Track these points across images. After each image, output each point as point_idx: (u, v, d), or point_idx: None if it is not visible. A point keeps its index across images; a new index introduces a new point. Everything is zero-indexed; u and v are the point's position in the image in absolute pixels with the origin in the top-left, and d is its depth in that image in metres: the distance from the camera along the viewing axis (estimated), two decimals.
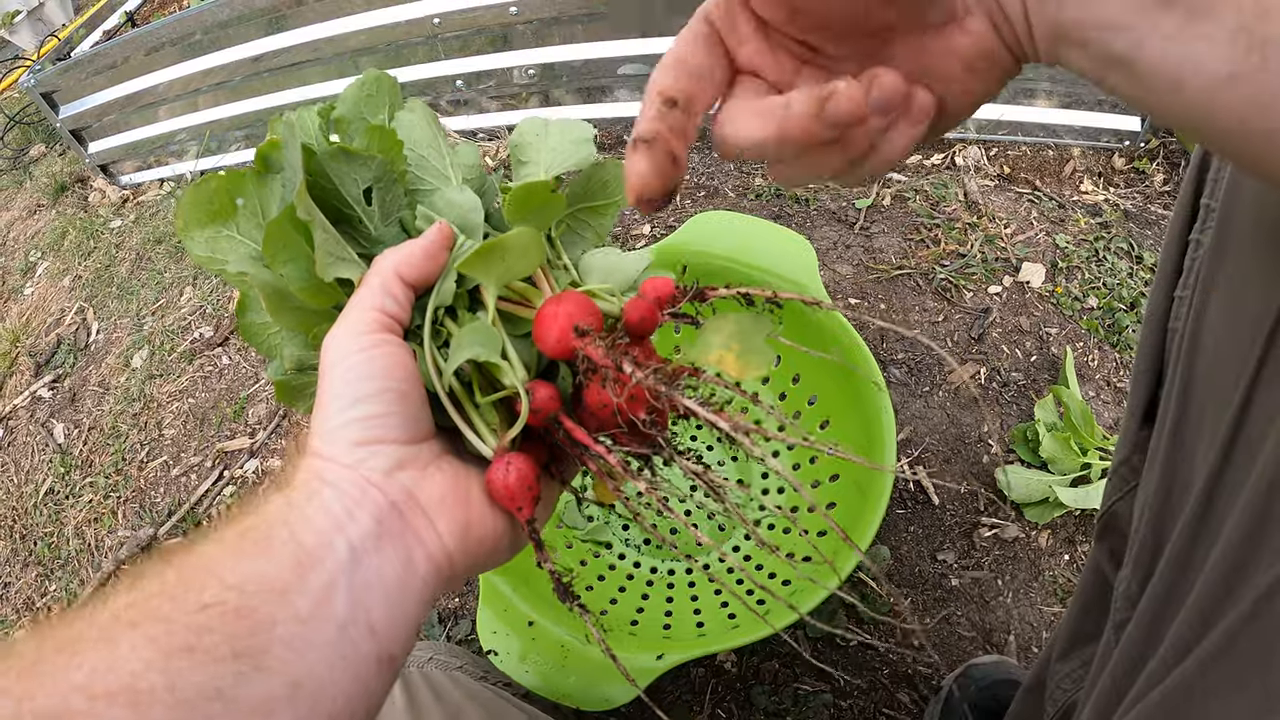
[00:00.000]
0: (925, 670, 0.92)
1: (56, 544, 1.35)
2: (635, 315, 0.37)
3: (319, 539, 0.32)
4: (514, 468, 0.36)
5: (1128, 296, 1.18)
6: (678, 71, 0.31)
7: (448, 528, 0.36)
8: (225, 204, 0.43)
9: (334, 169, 0.40)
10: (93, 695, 0.25)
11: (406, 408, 0.36)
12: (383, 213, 0.43)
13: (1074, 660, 0.56)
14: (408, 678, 0.67)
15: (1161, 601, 0.38)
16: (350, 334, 0.37)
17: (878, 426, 0.79)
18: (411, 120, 0.45)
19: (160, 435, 1.42)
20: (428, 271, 0.40)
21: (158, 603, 0.28)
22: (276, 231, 0.39)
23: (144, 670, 0.26)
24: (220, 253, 0.43)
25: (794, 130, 0.28)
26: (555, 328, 0.35)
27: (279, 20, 1.56)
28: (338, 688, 0.30)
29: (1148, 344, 0.46)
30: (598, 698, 0.71)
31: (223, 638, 0.28)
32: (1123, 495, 0.49)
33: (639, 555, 0.96)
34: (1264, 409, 0.32)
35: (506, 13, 1.44)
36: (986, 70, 0.29)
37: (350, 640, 0.31)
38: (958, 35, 0.28)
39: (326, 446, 0.35)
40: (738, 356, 0.33)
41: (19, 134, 2.42)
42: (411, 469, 0.36)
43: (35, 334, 1.74)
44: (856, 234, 1.32)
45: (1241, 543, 0.31)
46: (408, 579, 0.34)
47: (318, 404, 0.36)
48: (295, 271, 0.40)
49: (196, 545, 0.31)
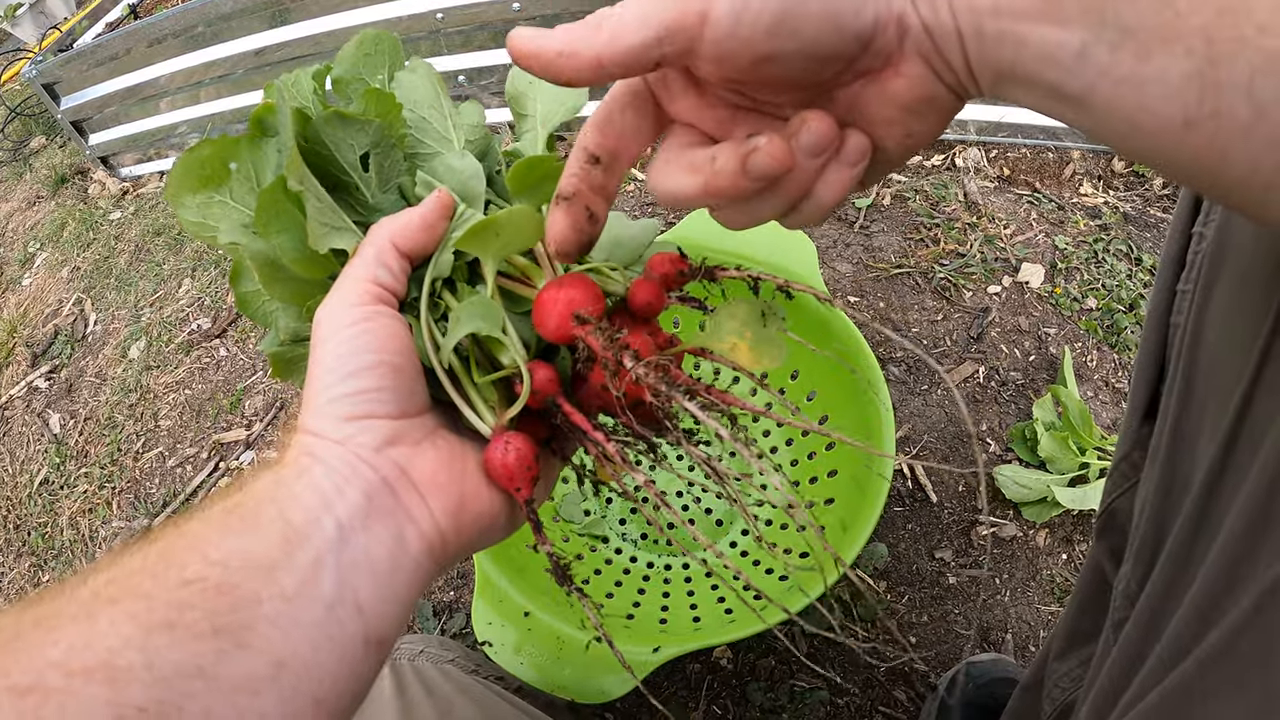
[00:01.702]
0: (922, 668, 0.92)
1: (51, 534, 1.35)
2: (641, 298, 0.37)
3: (307, 516, 0.31)
4: (513, 447, 0.35)
5: (1126, 298, 1.17)
6: (605, 130, 0.32)
7: (441, 505, 0.35)
8: (218, 169, 0.41)
9: (329, 134, 0.39)
10: (70, 672, 0.24)
11: (400, 382, 0.35)
12: (380, 179, 0.41)
13: (1072, 659, 0.56)
14: (399, 670, 0.66)
15: (1160, 598, 0.38)
16: (342, 306, 0.36)
17: (876, 424, 0.79)
18: (413, 80, 0.44)
19: (156, 426, 1.41)
20: (425, 242, 0.38)
21: (139, 579, 0.28)
22: (269, 201, 0.37)
23: (122, 647, 0.25)
24: (212, 219, 0.41)
25: (721, 185, 0.29)
26: (555, 313, 0.34)
27: (282, 13, 1.56)
28: (324, 668, 0.29)
29: (1149, 339, 0.46)
30: (594, 690, 0.71)
31: (204, 614, 0.27)
32: (1123, 492, 0.49)
33: (635, 550, 0.96)
34: (1266, 406, 0.32)
35: (509, 8, 1.44)
36: (927, 111, 0.28)
37: (337, 620, 0.30)
38: (893, 80, 0.28)
39: (317, 422, 0.34)
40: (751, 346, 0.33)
41: (20, 125, 2.41)
42: (404, 445, 0.35)
43: (33, 324, 1.73)
44: (856, 232, 1.32)
45: (1241, 539, 0.31)
46: (399, 557, 0.33)
47: (309, 378, 0.35)
48: (288, 242, 0.38)
49: (182, 523, 0.31)
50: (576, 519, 0.97)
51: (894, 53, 0.27)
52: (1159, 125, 0.23)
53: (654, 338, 0.37)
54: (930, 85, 0.27)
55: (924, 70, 0.27)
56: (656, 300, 0.36)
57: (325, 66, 0.43)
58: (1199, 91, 0.22)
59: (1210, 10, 0.22)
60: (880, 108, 0.29)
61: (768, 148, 0.27)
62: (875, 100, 0.28)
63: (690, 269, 0.37)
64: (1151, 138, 0.23)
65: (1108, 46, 0.23)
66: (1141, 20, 0.22)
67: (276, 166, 0.41)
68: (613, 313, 0.38)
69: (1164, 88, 0.22)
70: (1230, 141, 0.22)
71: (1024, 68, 0.25)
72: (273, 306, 0.44)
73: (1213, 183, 0.24)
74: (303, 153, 0.38)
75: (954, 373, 1.13)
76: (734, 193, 0.29)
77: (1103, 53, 0.23)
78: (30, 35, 2.57)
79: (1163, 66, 0.22)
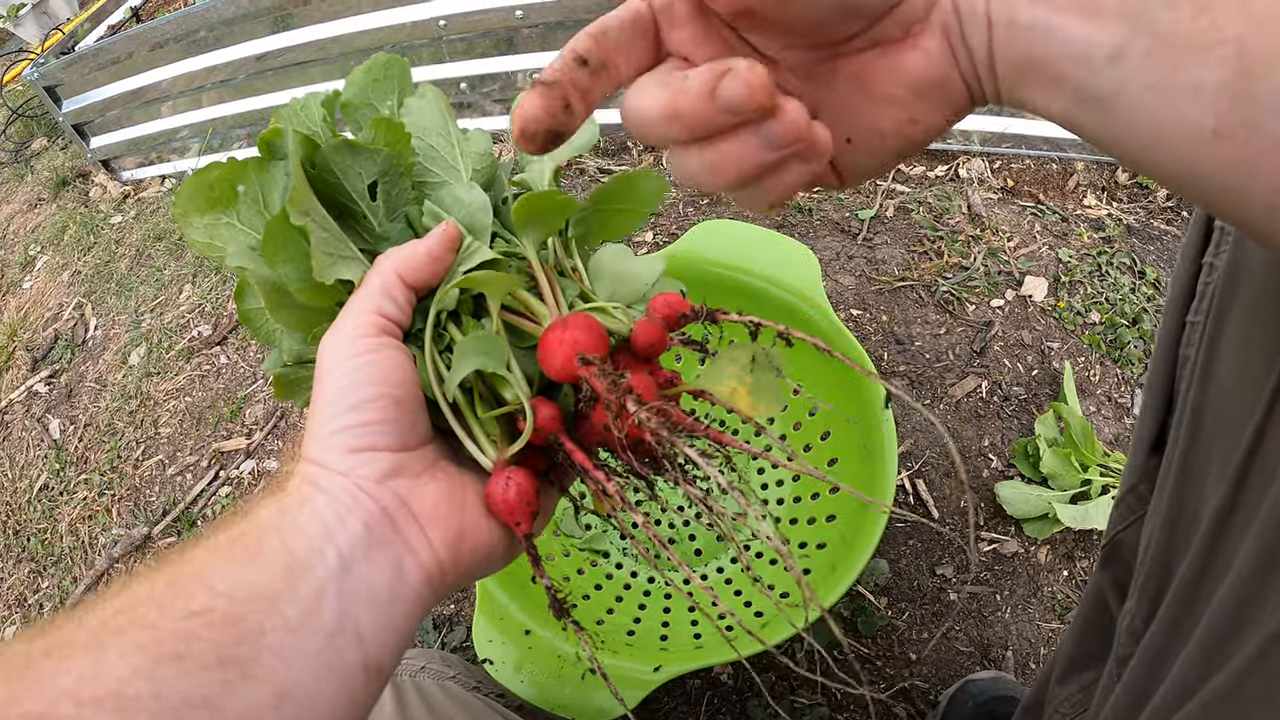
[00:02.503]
0: (923, 685, 0.92)
1: (50, 541, 1.35)
2: (644, 340, 0.37)
3: (309, 546, 0.32)
4: (514, 483, 0.36)
5: (1130, 312, 1.17)
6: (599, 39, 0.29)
7: (440, 536, 0.35)
8: (226, 191, 0.41)
9: (338, 162, 0.39)
10: (80, 701, 0.25)
11: (402, 414, 0.36)
12: (388, 208, 0.42)
13: (1073, 684, 0.56)
14: (399, 687, 0.66)
15: (1166, 638, 0.38)
16: (347, 338, 0.36)
17: (879, 439, 0.79)
18: (422, 107, 0.43)
19: (156, 433, 1.41)
20: (430, 274, 0.39)
21: (146, 609, 0.28)
22: (275, 230, 0.37)
23: (131, 677, 0.26)
24: (220, 240, 0.41)
25: (684, 104, 0.26)
26: (560, 354, 0.34)
27: (284, 19, 1.56)
28: (324, 697, 0.30)
29: (1157, 370, 0.45)
30: (594, 709, 0.71)
31: (210, 645, 0.28)
32: (1129, 524, 0.48)
33: (636, 565, 0.95)
34: (1278, 443, 0.32)
35: (512, 16, 1.43)
36: (935, 96, 0.28)
37: (337, 649, 0.31)
38: (909, 53, 0.27)
39: (320, 452, 0.35)
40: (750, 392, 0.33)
41: (21, 127, 2.41)
42: (405, 476, 0.35)
43: (33, 328, 1.73)
44: (859, 245, 1.31)
45: (1249, 582, 0.31)
46: (398, 587, 0.33)
47: (312, 409, 0.36)
48: (294, 271, 0.38)
49: (188, 551, 0.31)
50: (577, 533, 0.97)
51: (917, 23, 0.27)
52: (1187, 135, 0.23)
53: (655, 376, 0.37)
54: (944, 66, 0.27)
55: (942, 48, 0.27)
56: (659, 342, 0.37)
57: (335, 93, 0.43)
58: (1230, 102, 0.22)
59: (1246, 22, 0.21)
60: (888, 84, 0.28)
61: (746, 73, 0.24)
62: (885, 74, 0.28)
63: (693, 311, 0.37)
64: (1177, 148, 0.23)
65: (1141, 50, 0.23)
66: (1177, 26, 0.22)
67: (284, 190, 0.41)
68: (615, 351, 0.38)
69: (1195, 96, 0.22)
70: (1260, 155, 0.22)
71: (1052, 65, 0.24)
72: (277, 327, 0.44)
73: (1236, 200, 0.23)
74: (311, 180, 0.38)
75: (957, 387, 1.13)
76: (694, 117, 0.26)
77: (1135, 56, 0.23)
78: (33, 35, 2.57)
79: (1195, 75, 0.22)
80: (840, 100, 0.29)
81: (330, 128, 0.42)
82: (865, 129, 0.29)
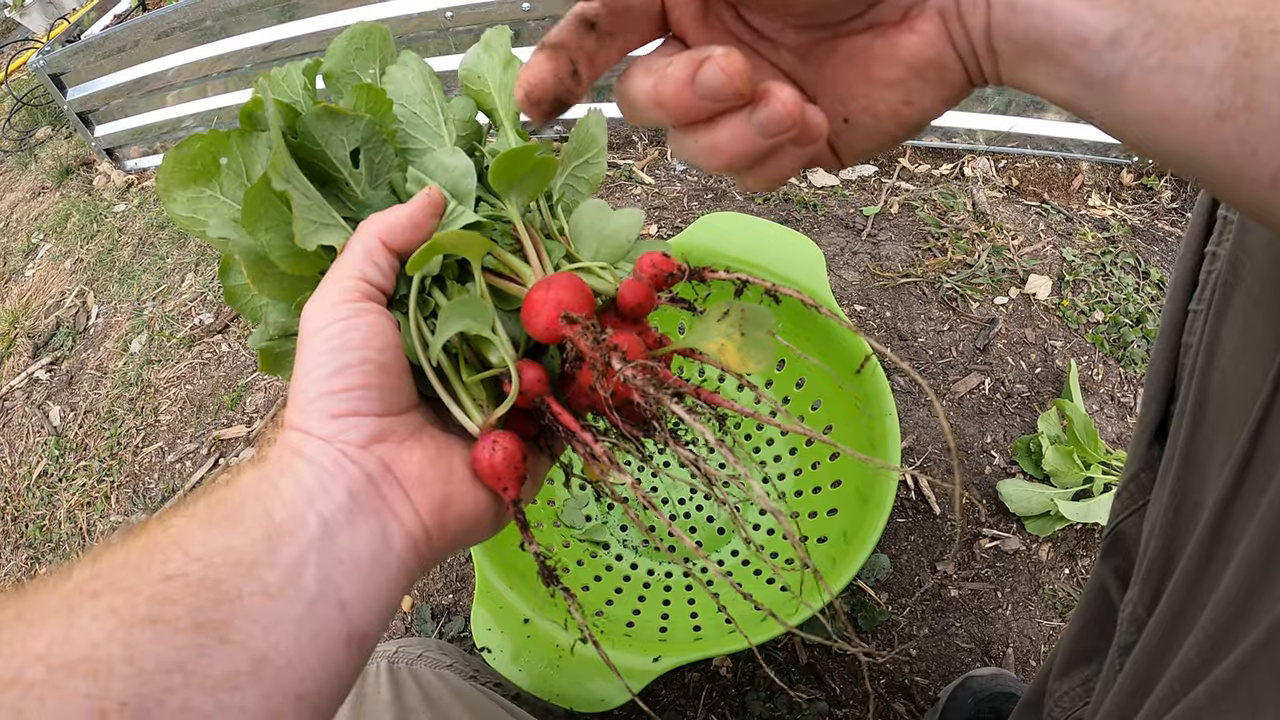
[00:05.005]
0: (922, 681, 0.91)
1: (48, 527, 1.35)
2: (630, 299, 0.36)
3: (290, 512, 0.31)
4: (501, 447, 0.35)
5: (1134, 311, 1.17)
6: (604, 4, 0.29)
7: (426, 503, 0.35)
8: (208, 164, 0.41)
9: (319, 129, 0.39)
10: (51, 665, 0.24)
11: (386, 379, 0.35)
12: (370, 175, 0.41)
13: (1073, 678, 0.56)
14: (396, 674, 0.66)
15: (1170, 624, 0.37)
16: (329, 303, 0.35)
17: (881, 435, 0.79)
18: (404, 75, 0.43)
19: (157, 421, 1.41)
20: (413, 240, 0.38)
21: (121, 574, 0.28)
22: (255, 198, 0.37)
23: (104, 641, 0.25)
24: (202, 214, 0.41)
25: (665, 91, 0.26)
26: (544, 314, 0.34)
27: (291, 8, 1.56)
28: (305, 664, 0.29)
29: (1160, 359, 0.45)
30: (592, 699, 0.70)
31: (186, 609, 0.27)
32: (1131, 513, 0.48)
33: (636, 556, 0.95)
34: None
35: (519, 7, 1.43)
36: (933, 78, 0.28)
37: (319, 616, 0.30)
38: (906, 35, 0.27)
39: (303, 418, 0.34)
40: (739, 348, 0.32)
41: (26, 115, 2.41)
42: (390, 442, 0.35)
43: (34, 315, 1.73)
44: (864, 241, 1.31)
45: (1256, 567, 0.31)
46: (382, 554, 0.33)
47: (295, 375, 0.35)
48: (276, 239, 0.38)
49: (166, 518, 0.30)
50: (578, 524, 0.97)
51: (913, 6, 0.27)
52: (1190, 116, 0.23)
53: (643, 337, 0.37)
54: (940, 49, 0.27)
55: (939, 31, 0.27)
56: (646, 301, 0.36)
57: (316, 62, 0.43)
58: (1233, 83, 0.22)
59: (1248, 3, 0.21)
60: (884, 66, 0.28)
61: (723, 60, 0.24)
62: (881, 56, 0.28)
63: (679, 270, 0.37)
64: (1180, 129, 0.23)
65: (1142, 33, 0.23)
66: (1178, 8, 0.22)
67: (267, 161, 0.41)
68: (602, 312, 0.37)
69: (1198, 78, 0.22)
70: (1262, 135, 0.22)
71: (1052, 48, 0.24)
72: (262, 301, 0.44)
73: (1237, 182, 0.23)
74: (292, 148, 0.37)
75: (960, 384, 1.12)
76: (678, 104, 0.26)
77: (1136, 39, 0.23)
78: (39, 25, 2.57)
79: (1198, 56, 0.22)
80: (838, 81, 0.30)
81: (312, 96, 0.42)
82: (862, 110, 0.29)
